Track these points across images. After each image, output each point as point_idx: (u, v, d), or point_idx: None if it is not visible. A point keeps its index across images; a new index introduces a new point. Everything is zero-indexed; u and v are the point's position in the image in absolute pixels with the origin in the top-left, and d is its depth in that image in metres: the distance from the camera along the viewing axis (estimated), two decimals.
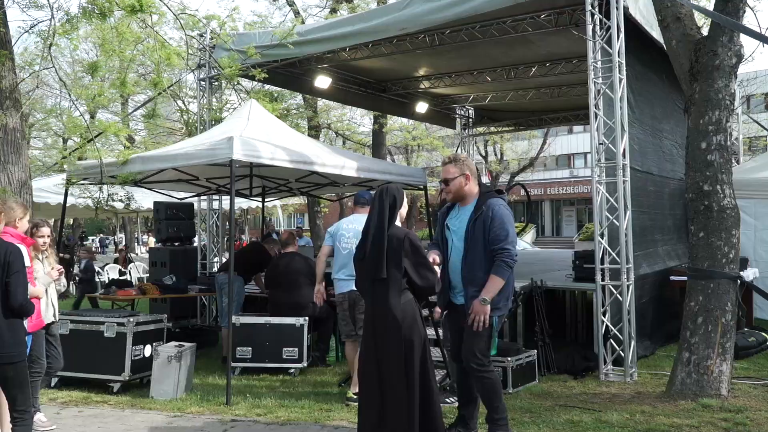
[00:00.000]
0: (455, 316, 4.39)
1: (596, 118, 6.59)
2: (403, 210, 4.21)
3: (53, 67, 7.34)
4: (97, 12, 6.22)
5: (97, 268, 14.69)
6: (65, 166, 8.55)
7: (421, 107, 13.22)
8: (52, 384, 6.08)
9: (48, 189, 11.99)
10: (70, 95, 9.12)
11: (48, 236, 5.00)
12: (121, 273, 16.42)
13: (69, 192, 8.12)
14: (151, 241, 29.92)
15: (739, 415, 4.88)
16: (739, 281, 5.49)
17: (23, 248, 4.17)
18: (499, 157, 30.68)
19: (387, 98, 12.55)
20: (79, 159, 9.50)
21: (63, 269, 5.08)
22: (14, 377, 3.81)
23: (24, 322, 4.03)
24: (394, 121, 22.58)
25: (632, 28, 7.18)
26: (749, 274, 8.13)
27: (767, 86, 26.68)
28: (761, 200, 9.38)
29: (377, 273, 3.87)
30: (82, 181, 8.01)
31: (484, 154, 28.48)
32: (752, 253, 9.29)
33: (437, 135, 25.68)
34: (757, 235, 9.43)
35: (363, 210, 6.10)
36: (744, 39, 5.55)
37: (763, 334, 7.38)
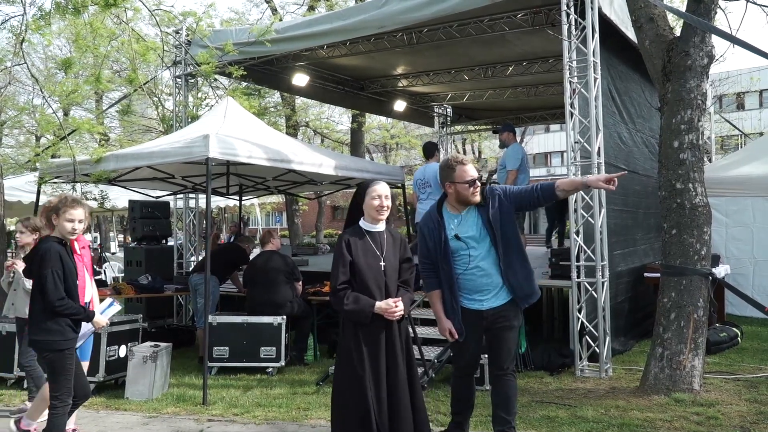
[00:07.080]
0: (479, 324, 3.92)
1: (572, 117, 6.66)
2: (366, 205, 3.77)
3: (25, 63, 7.21)
4: (70, 7, 6.11)
5: None
6: (38, 164, 8.42)
7: (399, 105, 13.23)
8: (25, 385, 5.97)
9: (20, 187, 11.77)
10: (42, 92, 8.96)
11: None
12: (96, 272, 16.21)
13: (42, 190, 8.00)
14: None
15: (710, 409, 4.97)
16: (710, 278, 5.59)
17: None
18: (476, 155, 30.84)
19: (365, 96, 12.53)
20: (52, 157, 9.36)
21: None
22: (48, 364, 3.96)
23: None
24: (373, 120, 22.56)
25: (613, 28, 7.26)
26: (721, 270, 8.29)
27: (738, 86, 27.17)
28: (732, 198, 9.56)
29: None
30: (55, 180, 7.90)
31: (462, 152, 28.61)
32: (724, 250, 9.47)
33: (415, 133, 25.73)
34: (729, 232, 9.60)
35: (432, 159, 7.63)
36: (715, 40, 5.64)
37: (734, 329, 7.52)
